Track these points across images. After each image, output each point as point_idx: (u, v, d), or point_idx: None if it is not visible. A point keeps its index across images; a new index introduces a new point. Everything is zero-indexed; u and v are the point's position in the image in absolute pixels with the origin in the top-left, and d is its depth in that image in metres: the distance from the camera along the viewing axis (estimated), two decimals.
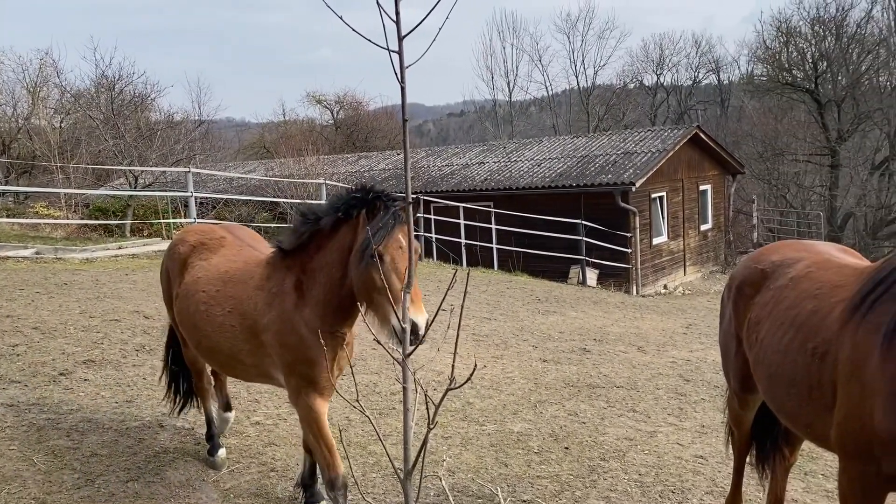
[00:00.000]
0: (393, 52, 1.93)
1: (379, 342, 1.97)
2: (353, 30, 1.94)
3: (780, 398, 3.09)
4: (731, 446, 4.04)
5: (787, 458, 3.84)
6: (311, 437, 3.54)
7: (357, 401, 1.97)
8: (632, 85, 51.10)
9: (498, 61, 60.77)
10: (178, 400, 4.86)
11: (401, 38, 1.93)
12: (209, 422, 4.55)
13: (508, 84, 49.23)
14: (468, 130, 72.16)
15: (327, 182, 17.85)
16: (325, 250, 3.44)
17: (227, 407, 4.60)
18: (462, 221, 18.95)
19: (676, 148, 20.93)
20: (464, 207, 19.18)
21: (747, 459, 3.94)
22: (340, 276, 3.36)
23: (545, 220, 18.90)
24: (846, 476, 2.71)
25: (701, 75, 53.09)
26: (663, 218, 21.60)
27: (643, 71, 52.05)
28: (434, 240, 19.13)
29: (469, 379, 1.65)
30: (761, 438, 3.87)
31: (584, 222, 18.42)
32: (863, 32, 32.20)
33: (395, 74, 1.92)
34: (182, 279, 4.11)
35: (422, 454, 1.93)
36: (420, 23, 1.94)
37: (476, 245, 18.86)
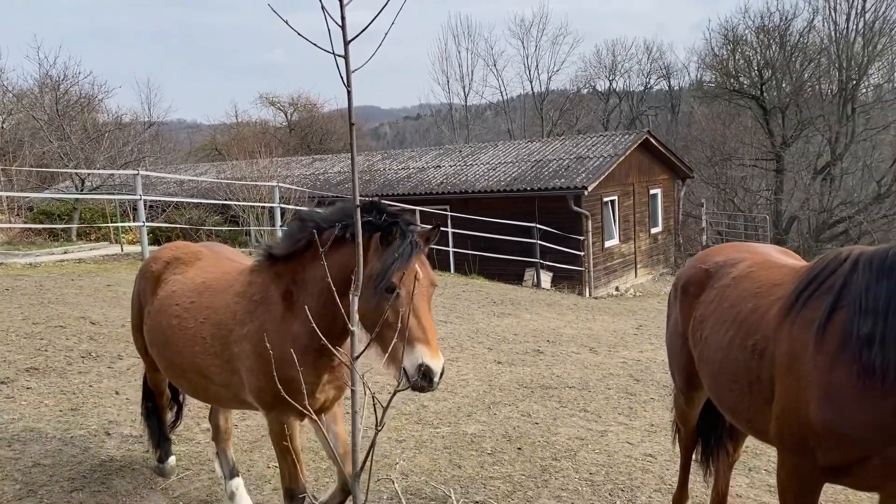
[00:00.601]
0: (339, 56, 1.94)
1: (328, 344, 1.96)
2: (298, 34, 1.95)
3: (724, 394, 3.19)
4: (677, 443, 4.15)
5: (730, 455, 3.96)
6: (277, 451, 3.35)
7: (306, 405, 1.96)
8: (585, 90, 51.89)
9: (453, 65, 61.05)
10: (159, 440, 4.34)
11: (346, 43, 1.94)
12: (161, 429, 4.43)
13: (464, 88, 49.60)
14: (424, 133, 72.24)
15: (280, 185, 17.65)
16: (320, 262, 3.05)
17: (233, 473, 4.08)
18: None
19: (627, 153, 21.33)
20: (420, 211, 19.18)
21: (694, 456, 4.05)
22: (341, 294, 2.94)
23: (500, 224, 19.05)
24: (784, 469, 2.81)
25: (652, 81, 54.25)
26: (615, 221, 21.98)
27: (596, 76, 52.93)
28: None
29: (411, 383, 1.67)
30: (706, 435, 3.98)
31: (538, 226, 18.63)
32: (805, 41, 33.37)
33: (342, 78, 1.93)
34: (155, 296, 3.83)
35: (370, 456, 1.94)
36: (366, 28, 1.96)
37: (432, 248, 18.86)
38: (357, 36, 1.94)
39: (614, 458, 5.06)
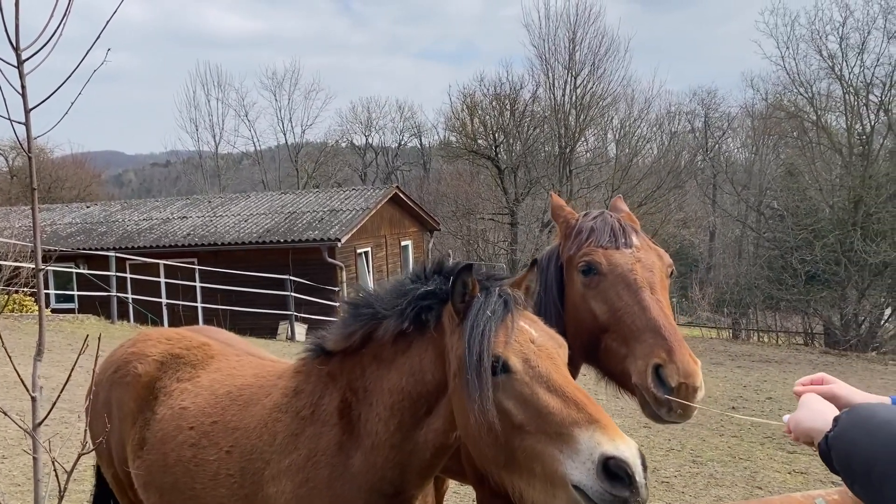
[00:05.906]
0: (18, 123, 1.97)
1: (4, 412, 1.87)
2: None
3: None
4: None
5: (442, 484, 4.38)
6: None
7: None
8: (343, 144, 53.21)
9: (203, 113, 58.41)
10: None
11: (27, 111, 1.98)
12: None
13: (215, 137, 47.97)
14: (175, 181, 68.48)
15: None
16: (386, 366, 2.18)
17: None
18: (163, 280, 17.91)
19: (378, 206, 22.31)
20: (164, 264, 18.16)
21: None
22: (424, 413, 2.10)
23: (253, 277, 18.70)
24: None
25: (405, 139, 57.29)
26: (369, 272, 22.71)
27: (352, 131, 54.64)
28: (130, 300, 17.74)
29: (103, 439, 1.67)
30: None
31: (292, 278, 18.60)
32: (531, 110, 37.75)
33: (21, 145, 1.96)
34: (152, 415, 2.73)
35: None
36: (49, 97, 2.01)
37: (178, 304, 17.91)
38: (40, 105, 1.99)
39: None
